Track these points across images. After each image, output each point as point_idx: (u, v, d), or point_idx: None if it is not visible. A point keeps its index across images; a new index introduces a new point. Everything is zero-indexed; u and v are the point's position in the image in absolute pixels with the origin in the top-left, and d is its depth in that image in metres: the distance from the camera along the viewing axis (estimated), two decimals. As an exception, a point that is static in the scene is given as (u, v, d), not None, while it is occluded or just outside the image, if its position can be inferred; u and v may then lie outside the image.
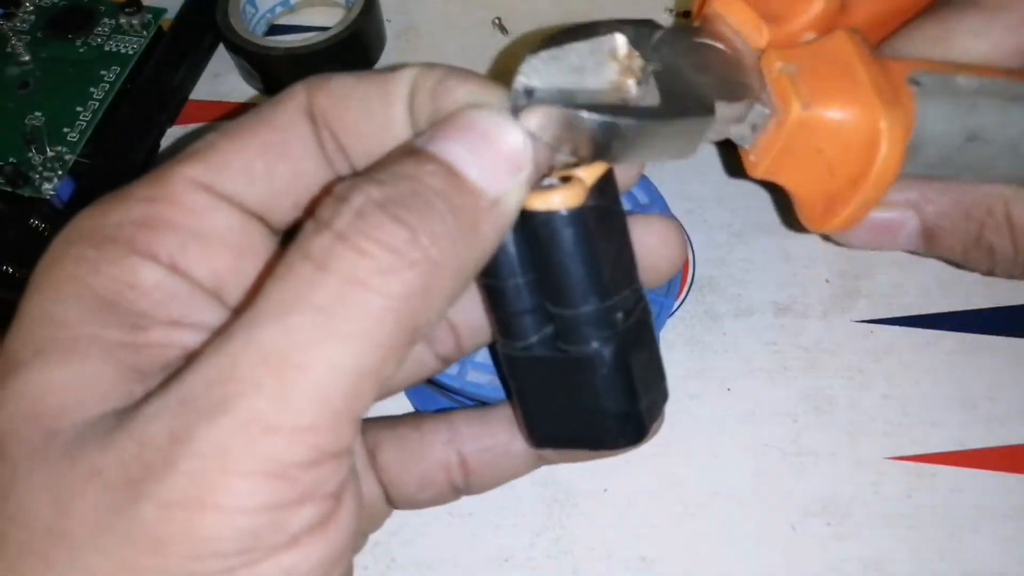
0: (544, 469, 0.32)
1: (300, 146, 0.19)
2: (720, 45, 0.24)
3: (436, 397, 0.31)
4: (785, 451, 0.32)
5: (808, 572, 0.30)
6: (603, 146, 0.18)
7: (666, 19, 0.45)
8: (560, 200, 0.18)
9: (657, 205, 0.29)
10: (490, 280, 0.20)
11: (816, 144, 0.23)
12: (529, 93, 0.18)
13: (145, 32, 0.42)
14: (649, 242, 0.22)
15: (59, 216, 0.36)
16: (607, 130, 0.18)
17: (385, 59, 0.44)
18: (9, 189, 0.37)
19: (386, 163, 0.17)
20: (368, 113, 0.19)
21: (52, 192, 0.37)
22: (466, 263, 0.16)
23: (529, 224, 0.18)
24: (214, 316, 0.18)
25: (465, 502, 0.31)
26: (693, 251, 0.37)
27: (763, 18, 0.24)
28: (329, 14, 0.45)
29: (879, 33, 0.26)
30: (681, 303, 0.36)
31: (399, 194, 0.16)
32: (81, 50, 0.41)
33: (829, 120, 0.23)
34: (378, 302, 0.15)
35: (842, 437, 0.33)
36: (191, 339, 0.17)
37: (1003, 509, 0.31)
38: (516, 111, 0.18)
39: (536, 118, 0.17)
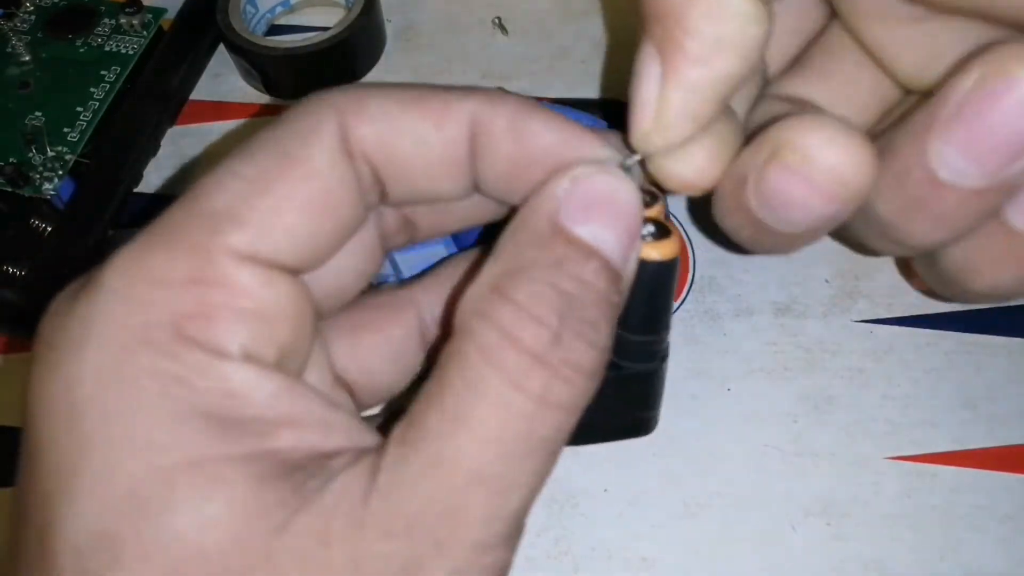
0: (544, 469, 0.32)
1: (343, 194, 0.17)
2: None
3: None
4: (785, 451, 0.32)
5: (808, 572, 0.30)
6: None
7: (666, 19, 0.45)
8: (671, 251, 0.19)
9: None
10: None
11: None
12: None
13: (145, 32, 0.42)
14: None
15: (59, 216, 0.36)
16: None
17: (385, 59, 0.44)
18: (9, 189, 0.37)
19: (537, 251, 0.16)
20: (422, 149, 0.17)
21: (52, 192, 0.37)
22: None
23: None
24: (306, 400, 0.16)
25: (465, 502, 0.31)
26: (693, 251, 0.37)
27: None
28: (329, 14, 0.45)
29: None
30: (681, 303, 0.36)
31: (584, 310, 0.16)
32: (81, 50, 0.41)
33: None
34: (561, 422, 0.16)
35: (842, 437, 0.33)
36: (309, 436, 0.16)
37: (1003, 509, 0.31)
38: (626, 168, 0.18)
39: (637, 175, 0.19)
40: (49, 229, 0.36)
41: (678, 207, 0.38)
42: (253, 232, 0.16)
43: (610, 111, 0.40)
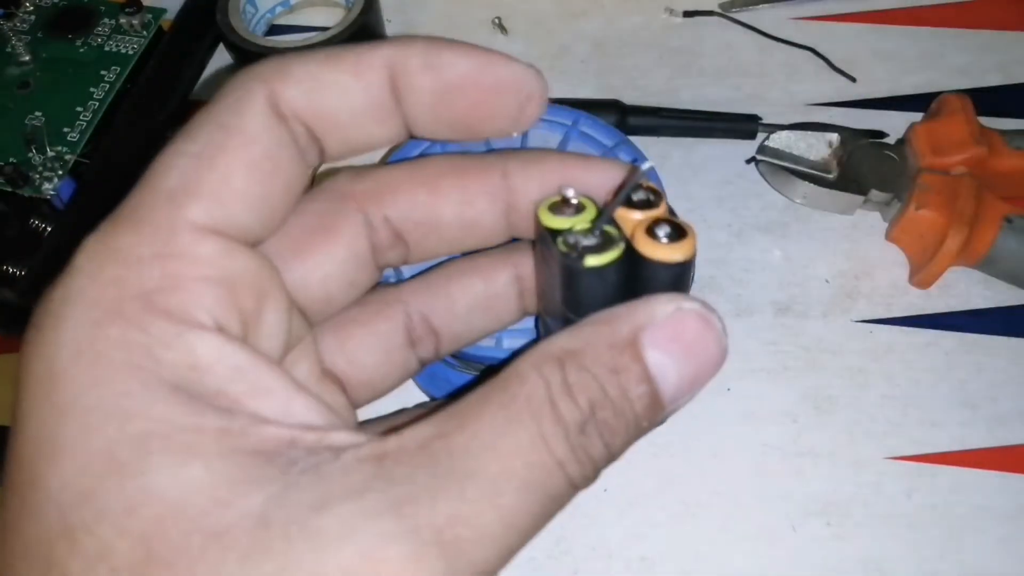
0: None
1: (282, 155, 0.18)
2: (896, 157, 0.37)
3: (446, 372, 0.31)
4: (785, 451, 0.32)
5: (808, 572, 0.30)
6: (801, 194, 0.37)
7: (665, 19, 0.45)
8: (688, 252, 0.19)
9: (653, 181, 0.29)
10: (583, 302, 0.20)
11: (920, 231, 0.35)
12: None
13: (145, 32, 0.42)
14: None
15: (59, 216, 0.36)
16: (807, 186, 0.37)
17: (385, 59, 0.44)
18: (9, 189, 0.37)
19: (607, 350, 0.17)
20: (347, 101, 0.18)
21: (52, 192, 0.37)
22: None
23: (651, 266, 0.19)
24: (272, 375, 0.17)
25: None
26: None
27: (933, 150, 0.36)
28: (329, 14, 0.45)
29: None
30: (681, 303, 0.36)
31: (610, 415, 0.17)
32: (81, 50, 0.41)
33: (927, 219, 0.35)
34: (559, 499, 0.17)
35: (842, 437, 0.33)
36: (273, 408, 0.16)
37: (1003, 509, 0.31)
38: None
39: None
40: (49, 229, 0.36)
41: (678, 207, 0.38)
42: (207, 203, 0.16)
43: (609, 111, 0.40)
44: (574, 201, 0.20)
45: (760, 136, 0.40)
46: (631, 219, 0.19)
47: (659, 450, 0.32)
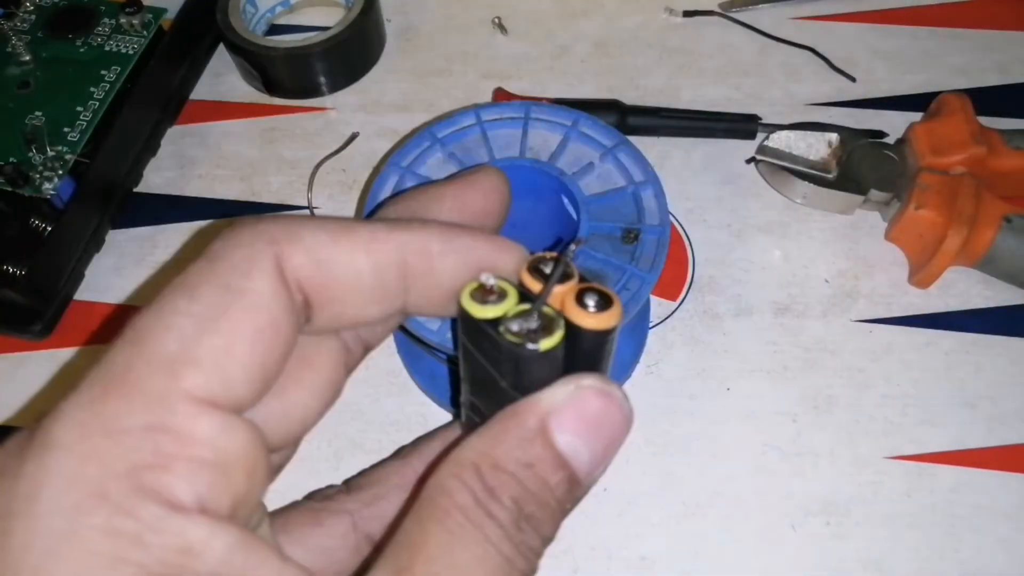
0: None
1: (285, 322, 0.17)
2: (895, 157, 0.37)
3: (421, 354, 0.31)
4: (785, 451, 0.32)
5: (808, 572, 0.30)
6: (801, 194, 0.37)
7: (665, 18, 0.45)
8: (612, 322, 0.19)
9: (651, 183, 0.29)
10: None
11: (919, 230, 0.36)
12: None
13: (145, 32, 0.42)
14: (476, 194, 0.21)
15: (59, 216, 0.36)
16: (807, 186, 0.37)
17: (385, 59, 0.44)
18: (9, 189, 0.37)
19: (517, 445, 0.17)
20: (353, 278, 0.18)
21: (52, 192, 0.37)
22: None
23: (579, 335, 0.19)
24: (261, 554, 0.16)
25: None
26: (693, 251, 0.37)
27: (932, 150, 0.37)
28: (329, 14, 0.45)
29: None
30: (681, 303, 0.36)
31: (536, 508, 0.17)
32: (81, 50, 0.41)
33: (927, 219, 0.35)
34: None
35: (842, 437, 0.33)
36: None
37: (1003, 509, 0.31)
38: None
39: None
40: (49, 229, 0.36)
41: (678, 207, 0.38)
42: (207, 374, 0.15)
43: (609, 111, 0.40)
44: (493, 285, 0.19)
45: (760, 136, 0.40)
46: (556, 292, 0.19)
47: (659, 450, 0.33)
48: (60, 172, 0.37)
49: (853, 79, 0.42)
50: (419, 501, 0.17)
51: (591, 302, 0.19)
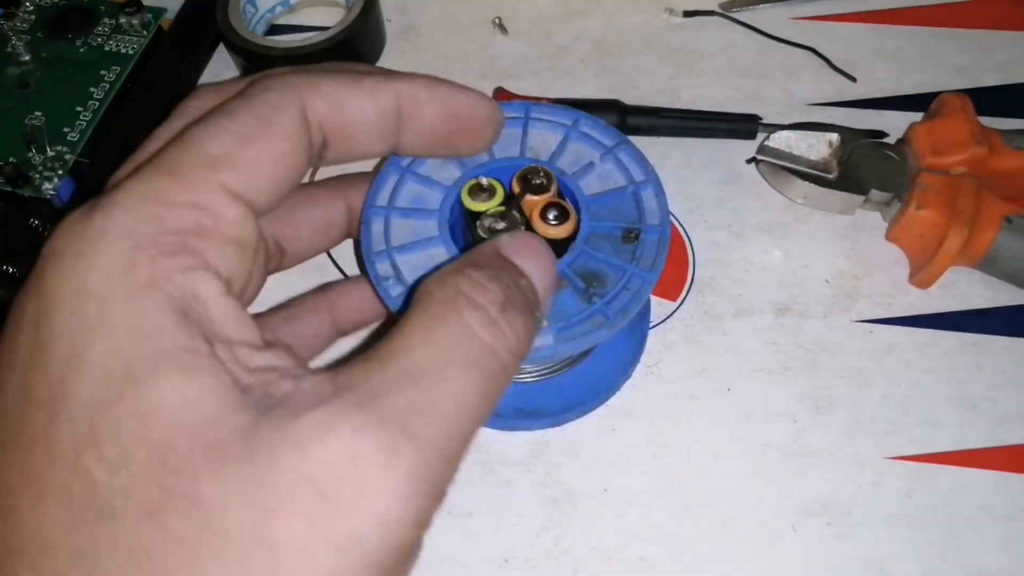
0: (545, 469, 0.32)
1: (301, 154, 0.21)
2: (896, 157, 0.37)
3: None
4: (785, 451, 0.32)
5: (808, 572, 0.30)
6: (802, 194, 0.37)
7: (665, 19, 0.45)
8: (568, 231, 0.27)
9: (652, 183, 0.29)
10: None
11: (920, 231, 0.35)
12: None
13: (145, 32, 0.42)
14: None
15: (59, 216, 0.36)
16: (807, 186, 0.37)
17: (385, 59, 0.44)
18: (9, 189, 0.37)
19: (485, 259, 0.21)
20: (361, 118, 0.22)
21: (52, 192, 0.37)
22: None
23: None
24: (252, 328, 0.19)
25: (465, 502, 0.31)
26: (693, 251, 0.37)
27: (933, 150, 0.37)
28: (329, 14, 0.45)
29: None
30: (681, 303, 0.36)
31: (517, 297, 0.20)
32: (81, 50, 0.41)
33: (927, 219, 0.35)
34: (504, 364, 0.19)
35: (842, 437, 0.33)
36: (250, 351, 0.18)
37: (1003, 509, 0.31)
38: None
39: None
40: (49, 229, 0.36)
41: (678, 207, 0.38)
42: (241, 175, 0.19)
43: (609, 111, 0.40)
44: (486, 185, 0.27)
45: (760, 136, 0.40)
46: (529, 202, 0.27)
47: (659, 450, 0.33)
48: (60, 172, 0.37)
49: (853, 79, 0.42)
50: (410, 305, 0.19)
51: (551, 215, 0.26)
